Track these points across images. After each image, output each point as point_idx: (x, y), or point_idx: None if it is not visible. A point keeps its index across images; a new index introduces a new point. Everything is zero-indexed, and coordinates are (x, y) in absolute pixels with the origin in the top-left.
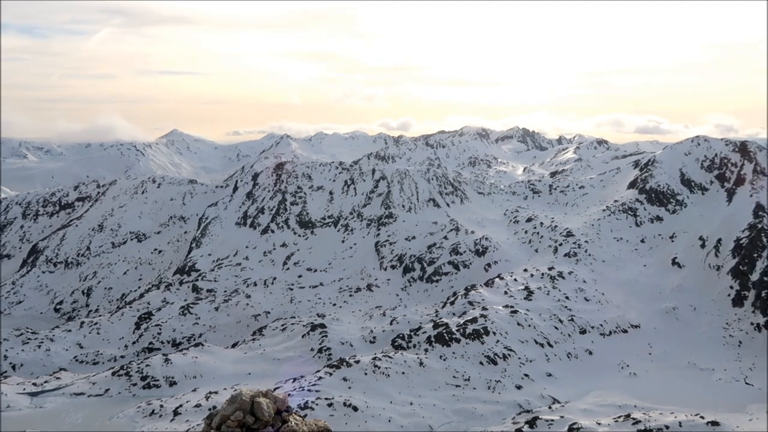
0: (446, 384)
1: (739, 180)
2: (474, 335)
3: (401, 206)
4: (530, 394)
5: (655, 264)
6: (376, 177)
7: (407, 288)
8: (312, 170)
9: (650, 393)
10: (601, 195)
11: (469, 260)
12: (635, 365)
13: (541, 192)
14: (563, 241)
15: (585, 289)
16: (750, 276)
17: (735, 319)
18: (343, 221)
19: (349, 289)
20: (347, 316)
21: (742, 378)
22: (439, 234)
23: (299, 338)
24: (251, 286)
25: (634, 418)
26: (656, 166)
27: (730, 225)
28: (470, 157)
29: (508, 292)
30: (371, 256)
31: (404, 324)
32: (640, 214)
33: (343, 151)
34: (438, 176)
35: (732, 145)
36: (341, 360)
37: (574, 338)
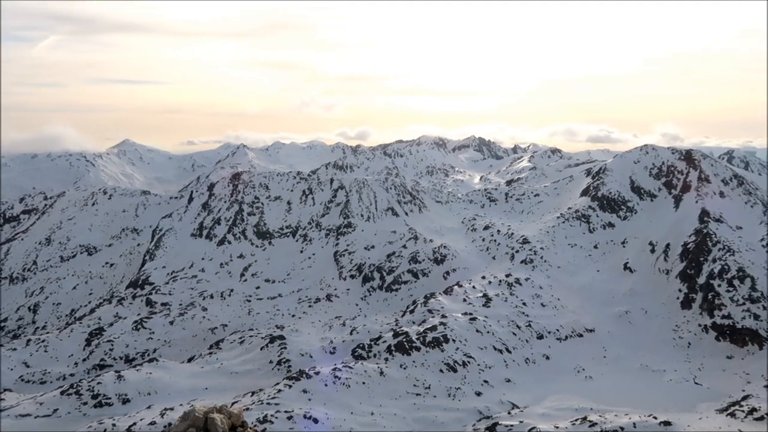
0: (407, 393)
1: (685, 187)
2: (434, 343)
3: (360, 215)
4: (490, 400)
5: (607, 269)
6: (334, 186)
7: (367, 297)
8: (269, 180)
9: (605, 395)
10: (556, 202)
11: (428, 268)
12: (591, 368)
13: (498, 200)
14: (520, 248)
15: (541, 295)
16: (697, 279)
17: (684, 322)
18: (301, 231)
19: (309, 299)
20: (307, 327)
21: (691, 378)
22: (398, 243)
23: (258, 351)
24: (207, 299)
25: (591, 421)
26: (607, 174)
27: (678, 230)
28: (428, 166)
29: (467, 299)
30: (330, 266)
31: (364, 334)
32: (592, 221)
33: (301, 160)
34: (396, 185)
35: (678, 153)
36: (301, 372)
37: (532, 343)
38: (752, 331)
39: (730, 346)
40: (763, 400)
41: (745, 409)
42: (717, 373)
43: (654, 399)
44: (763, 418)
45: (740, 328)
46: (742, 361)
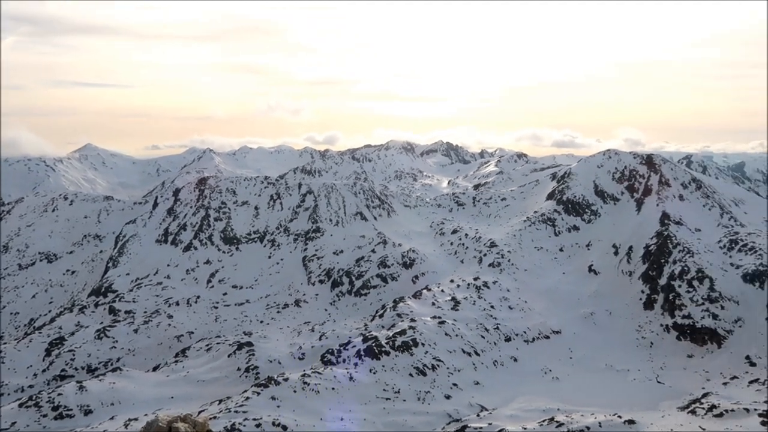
0: (376, 397)
1: (646, 190)
2: (403, 347)
3: (328, 220)
4: (459, 403)
5: (573, 271)
6: (302, 191)
7: (336, 302)
8: (236, 185)
9: (572, 396)
10: (522, 206)
11: (397, 273)
12: (557, 369)
13: (466, 204)
14: (487, 252)
15: (509, 297)
16: (659, 280)
17: (646, 322)
18: (269, 236)
19: (277, 305)
20: (275, 333)
21: (654, 377)
22: (367, 247)
23: (225, 358)
24: (173, 306)
25: (558, 421)
26: (572, 178)
27: (640, 233)
28: (396, 170)
29: (436, 303)
30: (299, 272)
31: (333, 339)
32: (558, 224)
33: (269, 165)
34: (365, 190)
35: (639, 158)
36: (269, 378)
37: (500, 346)
38: (711, 330)
39: (690, 345)
40: (723, 397)
41: (705, 407)
42: (678, 371)
43: (618, 398)
44: (722, 415)
45: (700, 327)
46: (701, 360)
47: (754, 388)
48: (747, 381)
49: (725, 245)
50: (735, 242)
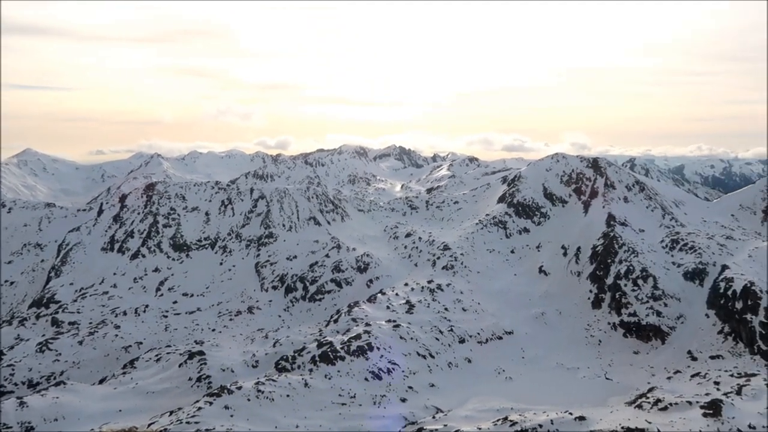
0: (332, 403)
1: (593, 193)
2: (358, 352)
3: (281, 225)
4: (415, 405)
5: (524, 273)
6: (254, 196)
7: (290, 308)
8: (186, 190)
9: (525, 394)
10: (474, 209)
11: (351, 277)
12: (510, 369)
13: (419, 208)
14: (441, 255)
15: (462, 299)
16: (606, 280)
17: (595, 320)
18: (220, 243)
19: (229, 312)
20: (228, 341)
21: (602, 374)
22: (321, 252)
23: (176, 368)
24: (120, 316)
25: (512, 420)
26: (522, 182)
27: (588, 234)
28: (349, 174)
29: (391, 306)
30: (251, 278)
31: (288, 345)
32: (509, 227)
33: (220, 170)
34: (318, 194)
35: (586, 161)
36: (222, 387)
37: (454, 348)
38: (655, 327)
39: (636, 341)
40: (667, 391)
41: (651, 401)
42: (625, 367)
43: (569, 395)
44: (666, 408)
45: (645, 324)
46: (647, 356)
47: (695, 381)
48: (689, 375)
49: (667, 245)
50: (676, 242)
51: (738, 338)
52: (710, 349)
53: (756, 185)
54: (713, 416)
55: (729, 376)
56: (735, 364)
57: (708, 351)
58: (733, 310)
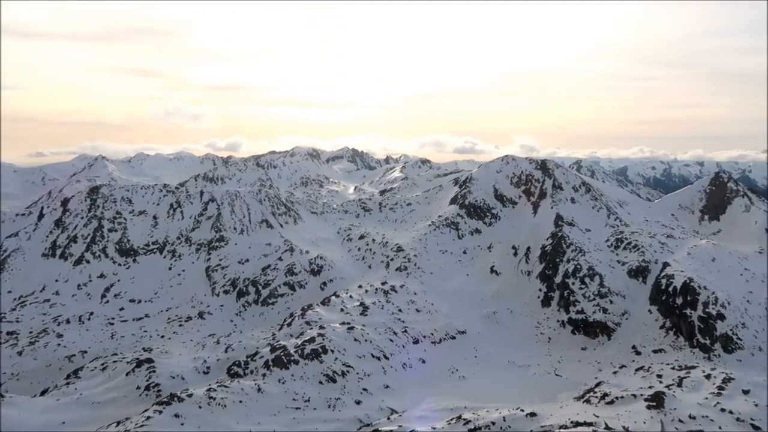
0: (286, 408)
1: (541, 194)
2: (312, 355)
3: (233, 229)
4: (369, 407)
5: (476, 273)
6: (204, 199)
7: (242, 313)
8: (132, 194)
9: (478, 393)
10: (427, 211)
11: (304, 280)
12: (464, 368)
13: (372, 210)
14: (394, 256)
15: (416, 300)
16: (554, 279)
17: (544, 318)
18: (169, 247)
19: (179, 318)
20: (178, 347)
21: (552, 371)
22: (274, 255)
23: (123, 377)
24: (63, 324)
25: (465, 419)
26: (473, 183)
27: (537, 234)
28: (302, 177)
29: (345, 309)
30: (202, 282)
31: (240, 350)
32: (461, 228)
33: (168, 172)
34: (270, 197)
35: (535, 163)
36: (172, 395)
37: (408, 348)
38: (602, 323)
39: (584, 338)
40: (613, 386)
41: (599, 395)
42: (574, 364)
43: (521, 392)
44: (613, 402)
45: (592, 321)
46: (594, 352)
47: (640, 375)
48: (634, 369)
49: (612, 244)
50: (621, 241)
51: (678, 332)
52: (653, 343)
53: (694, 186)
54: (656, 408)
55: (671, 369)
56: (676, 357)
57: (651, 345)
58: (674, 305)
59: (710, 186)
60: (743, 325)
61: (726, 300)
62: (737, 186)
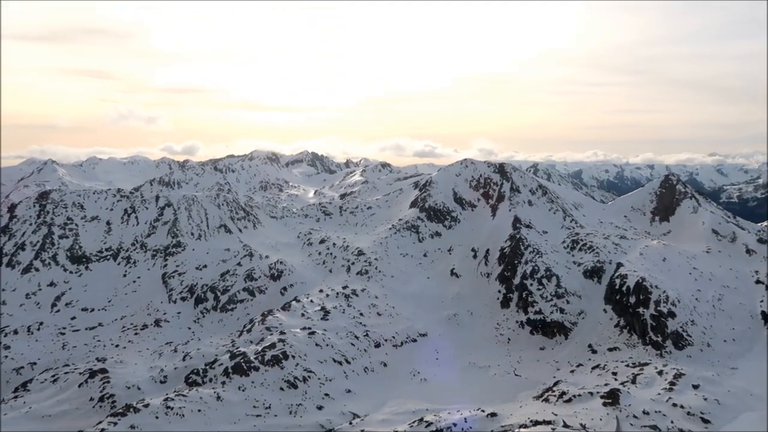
0: (246, 415)
1: (500, 197)
2: (273, 361)
3: (190, 234)
4: (331, 412)
5: (437, 276)
6: (160, 204)
7: (200, 320)
8: (84, 199)
9: (439, 395)
10: (387, 214)
11: (264, 285)
12: (425, 371)
13: (333, 214)
14: (355, 260)
15: (377, 304)
16: (513, 280)
17: (504, 319)
18: (124, 253)
19: (134, 327)
20: (133, 356)
21: (512, 371)
22: (233, 261)
23: (75, 388)
24: (11, 335)
25: (427, 421)
26: (433, 187)
27: (496, 236)
28: (261, 181)
29: (305, 314)
30: (158, 289)
31: (198, 358)
32: (421, 231)
33: (122, 177)
34: (229, 201)
35: (493, 166)
36: (127, 406)
37: (370, 352)
38: (559, 323)
39: (542, 338)
40: (571, 384)
41: (557, 393)
42: (532, 363)
43: (482, 393)
44: (571, 400)
45: (549, 321)
46: (552, 351)
47: (596, 373)
48: (590, 367)
49: (568, 245)
50: (576, 242)
51: (632, 330)
52: (608, 341)
53: (645, 188)
54: (612, 404)
55: (625, 367)
56: (630, 354)
57: (606, 344)
58: (628, 304)
59: (660, 188)
60: (692, 323)
61: (676, 298)
62: (685, 188)
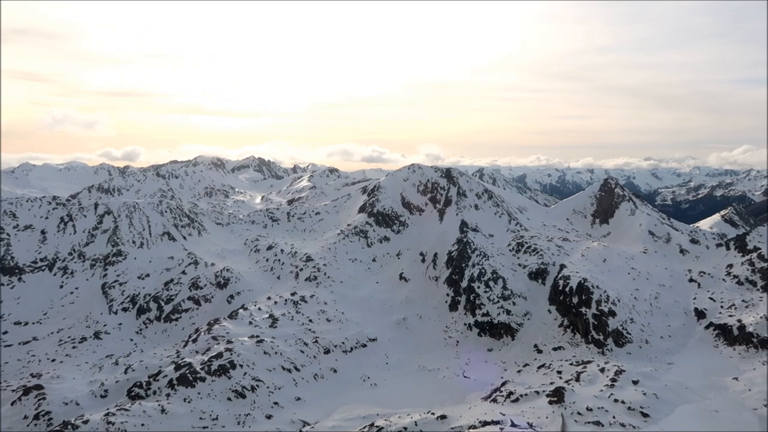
0: (193, 428)
1: (447, 201)
2: (220, 371)
3: (131, 242)
4: (280, 421)
5: (386, 280)
6: (99, 212)
7: (143, 331)
8: (17, 207)
9: (390, 399)
10: (336, 220)
11: (210, 294)
12: (375, 376)
13: (280, 220)
14: (304, 266)
15: (326, 310)
16: (461, 283)
17: (452, 322)
18: (60, 263)
19: (72, 340)
20: (71, 371)
21: (461, 373)
22: (177, 269)
23: (8, 406)
24: None
25: (378, 426)
26: (381, 192)
27: (443, 240)
28: (206, 187)
29: (253, 321)
30: (98, 300)
31: (141, 371)
32: (370, 236)
33: (58, 184)
34: (172, 208)
35: (440, 171)
36: (65, 423)
37: (320, 359)
38: (506, 324)
39: (490, 339)
40: (518, 384)
41: (504, 394)
42: (481, 365)
43: (431, 396)
44: (518, 400)
45: (497, 323)
46: (499, 352)
47: (542, 372)
48: (536, 367)
49: (513, 248)
50: (521, 245)
51: (575, 330)
52: (553, 341)
53: (585, 192)
54: (557, 403)
55: (569, 365)
56: (574, 353)
57: (551, 343)
58: (571, 304)
59: (600, 192)
60: (631, 321)
61: (616, 297)
62: (623, 191)
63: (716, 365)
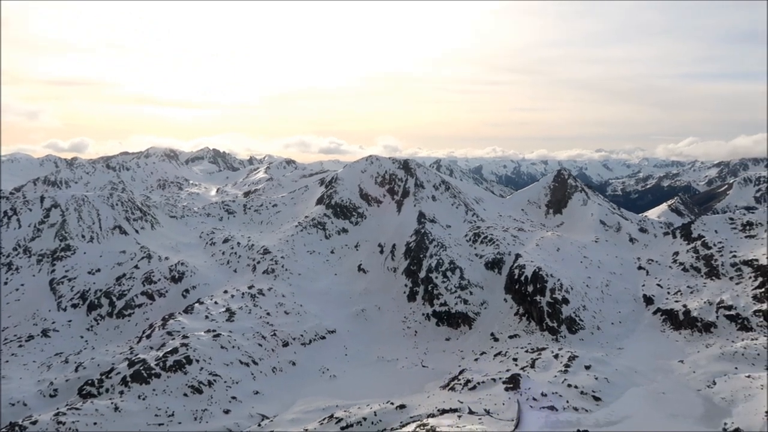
0: (147, 425)
1: (405, 193)
2: (176, 366)
3: (80, 236)
4: (238, 416)
5: (344, 272)
6: (46, 205)
7: (94, 327)
8: None
9: (349, 390)
10: (293, 212)
11: (165, 288)
12: (334, 367)
13: (236, 212)
14: (261, 259)
15: (284, 303)
16: (419, 274)
17: (411, 313)
18: (4, 259)
19: (18, 338)
20: (18, 371)
21: (419, 362)
22: (129, 263)
23: None
24: None
25: (337, 417)
26: (339, 183)
27: (401, 231)
28: (159, 179)
29: (210, 316)
30: (46, 297)
31: (93, 368)
32: (328, 228)
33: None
34: (123, 201)
35: (398, 163)
36: (12, 425)
37: (278, 352)
38: (463, 314)
39: (448, 329)
40: (475, 372)
41: (462, 382)
42: (439, 354)
43: (390, 386)
44: (475, 387)
45: (454, 312)
46: (457, 341)
47: (498, 360)
48: (493, 354)
49: (470, 238)
50: (478, 235)
51: (530, 318)
52: (509, 329)
53: (540, 183)
54: (513, 389)
55: (525, 352)
56: (529, 340)
57: (507, 331)
58: (526, 293)
59: (553, 182)
60: (584, 308)
61: (569, 286)
62: (576, 182)
63: (663, 349)
